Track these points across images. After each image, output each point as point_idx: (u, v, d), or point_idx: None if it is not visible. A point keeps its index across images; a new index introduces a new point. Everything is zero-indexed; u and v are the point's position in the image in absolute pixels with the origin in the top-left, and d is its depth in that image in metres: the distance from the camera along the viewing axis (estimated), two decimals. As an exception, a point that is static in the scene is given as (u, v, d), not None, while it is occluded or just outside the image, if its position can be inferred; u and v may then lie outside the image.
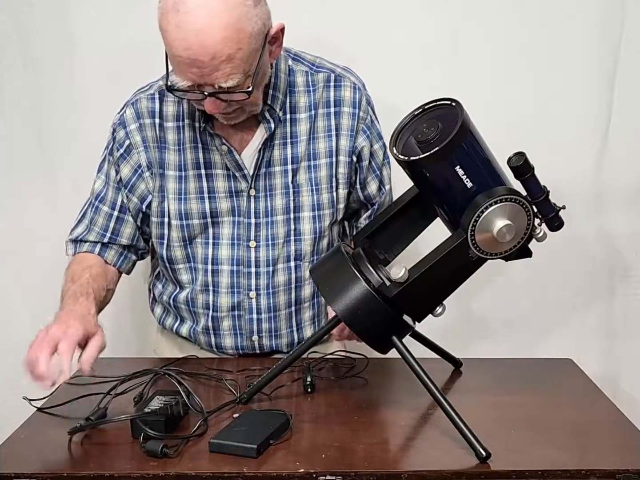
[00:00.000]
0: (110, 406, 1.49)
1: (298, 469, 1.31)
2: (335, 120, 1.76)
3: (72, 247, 1.85)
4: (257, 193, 1.76)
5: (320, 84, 1.77)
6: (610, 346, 2.38)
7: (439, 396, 1.42)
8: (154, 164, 1.78)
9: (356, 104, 1.77)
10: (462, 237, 1.41)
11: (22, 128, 2.28)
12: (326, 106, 1.77)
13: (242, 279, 1.79)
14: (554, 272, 2.33)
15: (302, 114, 1.76)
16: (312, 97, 1.76)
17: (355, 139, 1.77)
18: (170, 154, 1.76)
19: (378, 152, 1.82)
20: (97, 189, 1.83)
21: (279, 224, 1.77)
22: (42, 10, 2.22)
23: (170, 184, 1.77)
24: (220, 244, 1.79)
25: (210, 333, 1.84)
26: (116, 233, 1.82)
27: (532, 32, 2.21)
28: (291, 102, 1.76)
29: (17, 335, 2.38)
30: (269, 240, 1.78)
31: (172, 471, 1.31)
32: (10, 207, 2.34)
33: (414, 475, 1.32)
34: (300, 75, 1.77)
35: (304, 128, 1.76)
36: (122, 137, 1.78)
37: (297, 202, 1.77)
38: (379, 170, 1.83)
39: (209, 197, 1.76)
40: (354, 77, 1.81)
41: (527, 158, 1.43)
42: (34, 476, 1.30)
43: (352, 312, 1.44)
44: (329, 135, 1.77)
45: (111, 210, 1.81)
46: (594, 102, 2.25)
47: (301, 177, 1.77)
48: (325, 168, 1.77)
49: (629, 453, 1.39)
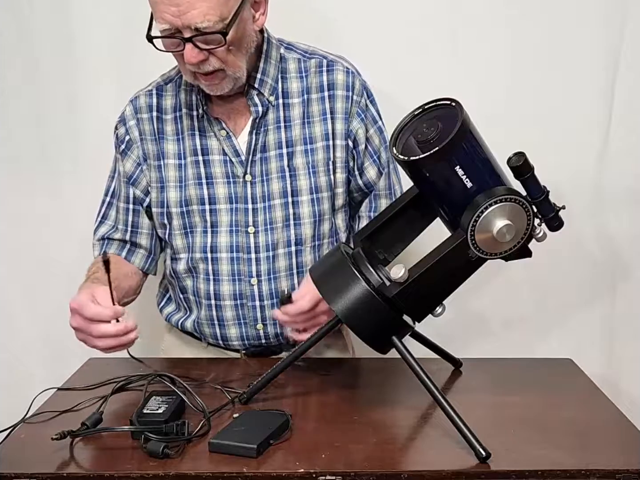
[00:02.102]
0: (109, 407, 1.49)
1: (298, 469, 1.31)
2: (329, 103, 1.79)
3: (99, 247, 1.89)
4: (253, 179, 1.78)
5: (312, 69, 1.81)
6: (610, 346, 2.38)
7: (439, 396, 1.42)
8: (149, 156, 1.82)
9: (349, 87, 1.79)
10: (462, 237, 1.41)
11: (22, 128, 2.28)
12: (320, 90, 1.80)
13: (243, 265, 1.80)
14: (554, 272, 2.33)
15: (294, 99, 1.79)
16: (305, 82, 1.80)
17: (349, 122, 1.80)
18: (169, 143, 1.81)
19: (374, 137, 1.83)
20: (110, 188, 1.89)
21: (277, 207, 1.79)
22: (42, 10, 2.22)
23: (170, 172, 1.81)
24: (218, 231, 1.80)
25: (215, 324, 1.85)
26: (136, 225, 1.87)
27: (532, 32, 2.21)
28: (283, 88, 1.79)
29: (17, 336, 2.40)
30: (268, 225, 1.79)
31: (172, 471, 1.31)
32: (10, 207, 2.33)
33: (414, 475, 1.32)
34: (292, 62, 1.81)
35: (297, 112, 1.79)
36: (123, 134, 1.85)
37: (295, 186, 1.79)
38: (376, 154, 1.84)
39: (207, 182, 1.79)
40: (347, 62, 1.84)
41: (527, 158, 1.43)
42: (34, 476, 1.30)
43: (352, 312, 1.44)
44: (324, 119, 1.79)
45: (126, 204, 1.87)
46: (594, 102, 2.25)
47: (298, 161, 1.79)
48: (322, 151, 1.79)
49: (629, 453, 1.39)
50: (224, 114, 1.79)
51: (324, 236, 1.83)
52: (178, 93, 1.82)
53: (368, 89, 1.84)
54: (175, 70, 1.85)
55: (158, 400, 1.47)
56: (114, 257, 1.83)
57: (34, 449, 1.40)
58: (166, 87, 1.84)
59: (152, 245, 1.89)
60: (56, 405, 1.56)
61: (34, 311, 2.38)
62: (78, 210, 2.10)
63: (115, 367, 1.74)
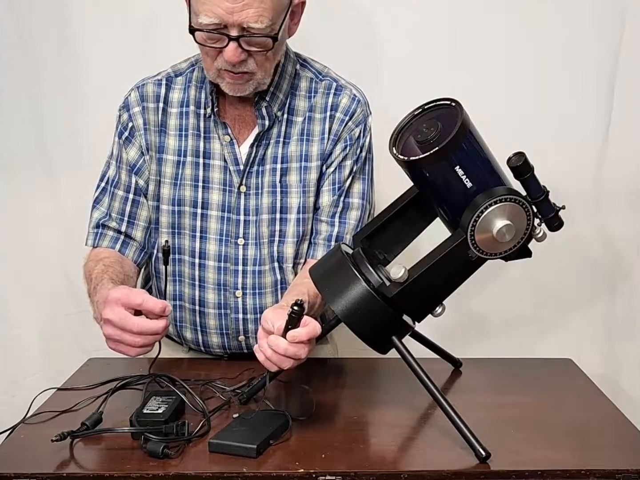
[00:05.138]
0: (108, 407, 1.49)
1: (298, 469, 1.31)
2: (330, 124, 1.76)
3: (93, 236, 1.82)
4: (247, 190, 1.76)
5: (321, 90, 1.78)
6: (610, 346, 2.38)
7: (439, 396, 1.42)
8: (151, 148, 1.78)
9: (349, 112, 1.77)
10: (462, 237, 1.41)
11: (22, 128, 2.28)
12: (323, 111, 1.77)
13: (229, 276, 1.78)
14: (554, 272, 2.33)
15: (299, 117, 1.77)
16: (311, 101, 1.77)
17: (335, 144, 1.76)
18: (170, 138, 1.78)
19: (345, 170, 1.77)
20: (109, 174, 1.83)
21: (264, 222, 1.77)
22: (42, 10, 2.22)
23: (168, 168, 1.78)
24: (207, 238, 1.78)
25: (198, 330, 1.83)
26: (133, 217, 1.81)
27: (532, 32, 2.21)
28: (291, 104, 1.77)
29: (17, 335, 2.40)
30: (257, 239, 1.77)
31: (171, 471, 1.31)
32: (10, 207, 2.34)
33: (414, 475, 1.32)
34: (304, 80, 1.79)
35: (298, 129, 1.76)
36: (126, 120, 1.80)
37: (284, 203, 1.77)
38: (338, 184, 1.77)
39: (203, 186, 1.77)
40: (357, 91, 1.80)
41: (527, 158, 1.43)
42: (34, 476, 1.30)
43: (352, 312, 1.44)
44: (322, 139, 1.76)
45: (126, 193, 1.81)
46: (594, 102, 2.25)
47: (292, 178, 1.77)
48: (315, 171, 1.77)
49: (629, 453, 1.39)
50: (230, 120, 1.77)
51: (301, 256, 1.80)
52: (187, 88, 1.78)
53: (368, 122, 1.79)
54: (187, 63, 1.81)
55: (158, 400, 1.47)
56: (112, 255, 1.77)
57: (34, 449, 1.40)
58: (176, 79, 1.80)
59: (145, 239, 1.83)
60: (56, 405, 1.56)
61: (33, 311, 2.38)
62: (78, 211, 2.10)
63: (115, 367, 1.74)
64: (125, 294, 1.46)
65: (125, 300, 1.45)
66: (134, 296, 1.46)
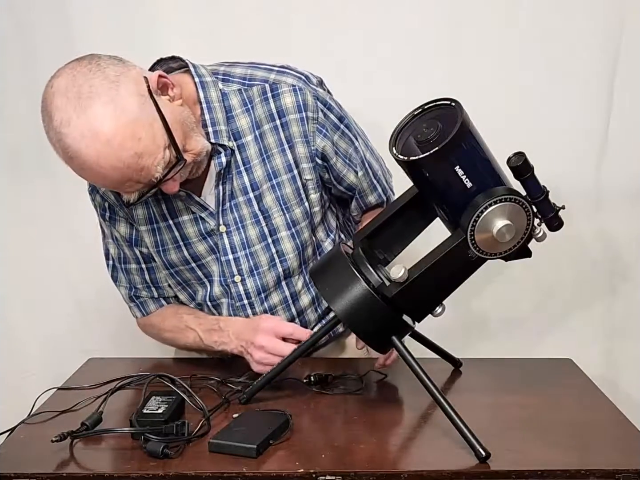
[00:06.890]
0: (108, 407, 1.49)
1: (298, 469, 1.31)
2: (284, 132, 1.66)
3: (135, 308, 1.85)
4: (228, 228, 1.71)
5: (257, 99, 1.65)
6: (610, 346, 2.38)
7: (439, 396, 1.42)
8: (129, 219, 1.76)
9: (301, 107, 1.64)
10: (462, 237, 1.41)
11: (22, 128, 2.28)
12: (270, 120, 1.66)
13: (239, 311, 1.78)
14: (554, 272, 2.33)
15: (248, 137, 1.67)
16: (252, 114, 1.66)
17: (312, 142, 1.67)
18: (137, 208, 1.72)
19: (339, 142, 1.70)
20: (112, 253, 1.82)
21: (259, 252, 1.73)
22: (42, 10, 2.22)
23: (147, 238, 1.74)
24: (213, 281, 1.77)
25: None
26: (156, 281, 1.81)
27: (532, 32, 2.21)
28: (233, 128, 1.66)
29: (17, 336, 2.40)
30: (254, 271, 1.74)
31: (171, 471, 1.31)
32: (11, 207, 2.34)
33: (414, 475, 1.32)
34: (233, 95, 1.66)
35: (253, 151, 1.67)
36: (100, 201, 1.75)
37: (271, 226, 1.72)
38: (348, 158, 1.73)
39: (184, 244, 1.73)
40: (292, 76, 1.67)
41: (527, 158, 1.43)
42: (34, 476, 1.30)
43: (352, 312, 1.44)
44: (282, 150, 1.67)
45: (138, 265, 1.80)
46: (594, 102, 2.25)
47: (267, 200, 1.70)
48: (288, 184, 1.69)
49: (629, 453, 1.39)
50: None
51: (309, 258, 1.78)
52: None
53: (321, 97, 1.67)
54: None
55: (158, 400, 1.47)
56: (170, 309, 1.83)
57: (34, 449, 1.40)
58: None
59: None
60: (56, 405, 1.56)
61: (34, 311, 2.38)
62: (78, 211, 2.10)
63: (115, 367, 1.74)
64: (277, 324, 1.67)
65: (277, 330, 1.65)
66: (285, 327, 1.66)
